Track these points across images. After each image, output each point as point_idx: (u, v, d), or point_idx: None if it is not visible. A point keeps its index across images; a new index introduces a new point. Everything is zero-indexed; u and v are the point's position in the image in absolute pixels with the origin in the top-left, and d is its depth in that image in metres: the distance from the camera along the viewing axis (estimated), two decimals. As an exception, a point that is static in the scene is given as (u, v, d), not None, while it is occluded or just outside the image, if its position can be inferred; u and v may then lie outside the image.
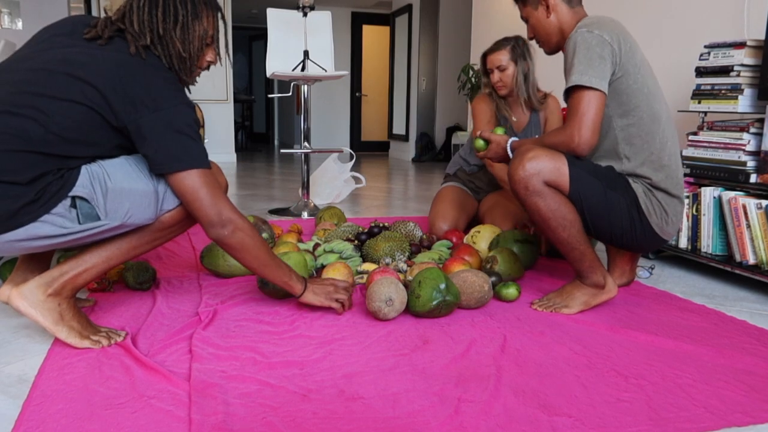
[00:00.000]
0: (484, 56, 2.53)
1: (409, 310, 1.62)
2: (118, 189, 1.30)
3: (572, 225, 1.62)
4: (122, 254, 1.39)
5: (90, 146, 1.29)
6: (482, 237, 2.24)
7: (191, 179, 1.31)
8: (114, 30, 1.33)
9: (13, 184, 1.19)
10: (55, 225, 1.25)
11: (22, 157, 1.20)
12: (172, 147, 1.29)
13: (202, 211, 1.33)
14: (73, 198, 1.26)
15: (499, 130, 1.89)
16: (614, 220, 1.67)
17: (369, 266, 1.97)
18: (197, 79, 1.49)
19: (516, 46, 2.49)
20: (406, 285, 1.69)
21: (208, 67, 1.49)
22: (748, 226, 1.94)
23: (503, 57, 2.47)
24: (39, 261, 1.51)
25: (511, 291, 1.76)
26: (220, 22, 1.47)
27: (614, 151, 1.71)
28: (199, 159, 1.32)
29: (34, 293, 1.31)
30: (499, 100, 2.61)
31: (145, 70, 1.29)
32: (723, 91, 2.15)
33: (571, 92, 1.61)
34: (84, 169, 1.28)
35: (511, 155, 1.79)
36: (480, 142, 1.90)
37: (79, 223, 1.27)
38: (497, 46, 2.50)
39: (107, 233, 1.33)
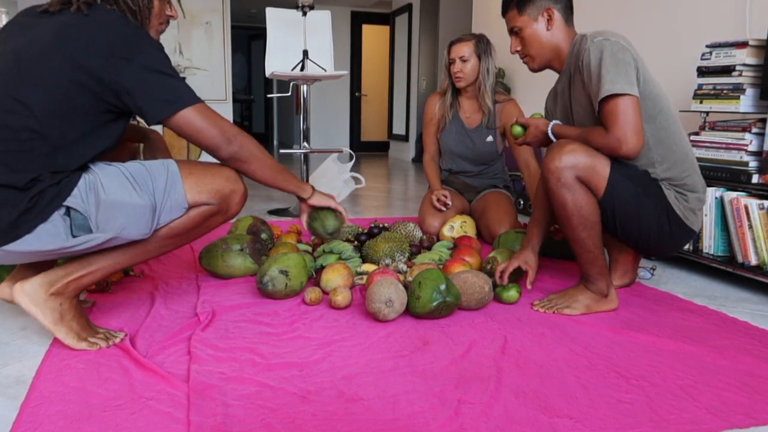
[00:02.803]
0: (450, 45, 2.58)
1: (410, 311, 1.62)
2: (110, 201, 1.27)
3: (593, 227, 1.63)
4: (129, 259, 1.38)
5: (80, 122, 1.25)
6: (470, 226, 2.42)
7: (187, 118, 1.31)
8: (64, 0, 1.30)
9: (10, 189, 1.19)
10: (50, 235, 1.23)
11: (14, 156, 1.19)
12: (158, 93, 1.28)
13: (208, 140, 1.35)
14: (68, 208, 1.25)
15: (537, 115, 1.85)
16: (643, 226, 1.68)
17: (369, 267, 1.97)
18: (159, 35, 1.48)
19: (480, 42, 2.54)
20: (406, 286, 1.69)
21: (168, 22, 1.48)
22: (750, 226, 1.93)
23: (467, 48, 2.52)
24: (41, 261, 1.50)
25: (511, 293, 1.76)
26: None
27: (647, 156, 1.69)
28: (188, 96, 1.32)
29: (37, 291, 1.30)
30: (452, 97, 2.65)
31: (99, 23, 1.26)
32: (725, 91, 2.15)
33: (605, 102, 1.58)
34: (83, 178, 1.27)
35: (553, 139, 1.72)
36: (517, 129, 1.82)
37: (72, 234, 1.25)
38: (463, 37, 2.56)
39: (103, 245, 1.31)
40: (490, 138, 2.61)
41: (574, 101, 1.75)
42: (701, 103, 2.24)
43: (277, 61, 3.42)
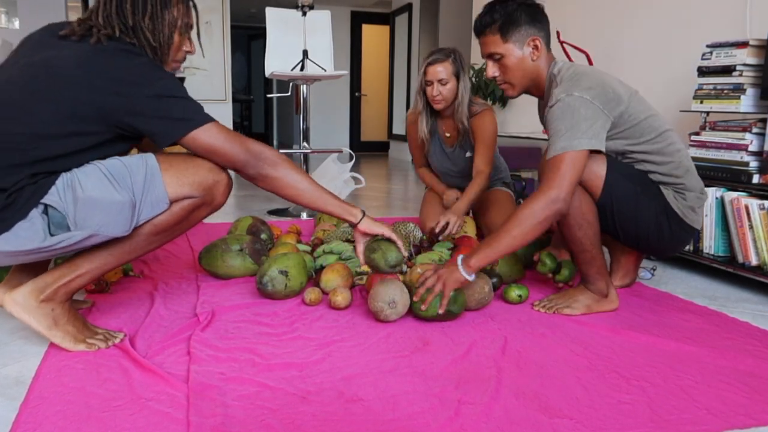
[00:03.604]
0: (426, 66, 2.35)
1: (412, 313, 1.61)
2: (88, 198, 1.25)
3: (590, 226, 1.62)
4: (116, 259, 1.37)
5: (86, 142, 1.27)
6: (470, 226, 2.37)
7: (203, 136, 1.32)
8: (86, 28, 1.32)
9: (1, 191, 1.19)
10: (28, 233, 1.22)
11: (7, 159, 1.20)
12: (172, 113, 1.29)
13: (229, 158, 1.35)
14: (46, 206, 1.24)
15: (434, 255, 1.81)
16: (642, 225, 1.68)
17: (368, 267, 1.96)
18: (176, 71, 1.49)
19: (456, 59, 2.36)
20: (408, 287, 1.68)
21: (184, 58, 1.48)
22: (751, 227, 1.93)
23: (445, 70, 2.32)
24: (34, 264, 1.49)
25: (523, 292, 1.77)
26: (193, 11, 1.47)
27: (642, 165, 1.69)
28: (201, 115, 1.32)
29: (27, 299, 1.30)
30: (430, 117, 2.51)
31: (116, 55, 1.28)
32: (725, 91, 2.14)
33: (550, 161, 1.53)
34: (60, 176, 1.26)
35: (469, 278, 1.53)
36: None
37: (50, 233, 1.24)
38: (439, 57, 2.34)
39: (83, 243, 1.29)
40: (468, 154, 2.53)
41: None
42: (702, 103, 2.24)
43: (277, 61, 3.42)
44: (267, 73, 3.31)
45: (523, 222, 1.48)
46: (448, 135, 2.55)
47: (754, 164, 2.01)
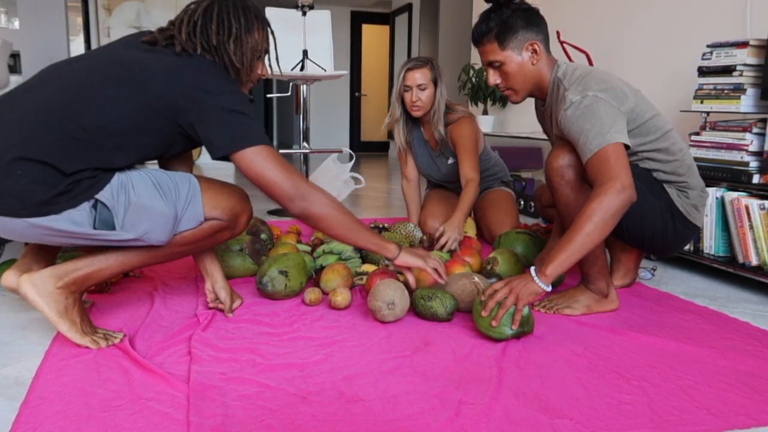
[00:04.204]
0: (405, 71, 2.36)
1: (412, 313, 1.62)
2: (140, 204, 1.32)
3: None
4: (138, 261, 1.41)
5: (150, 137, 1.34)
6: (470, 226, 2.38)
7: (258, 156, 1.34)
8: (167, 36, 1.39)
9: (56, 171, 1.23)
10: (73, 221, 1.27)
11: (73, 145, 1.25)
12: (234, 127, 1.33)
13: (278, 187, 1.36)
14: (97, 200, 1.29)
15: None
16: (647, 223, 1.67)
17: (368, 267, 1.96)
18: (249, 91, 1.56)
19: (433, 67, 2.37)
20: (408, 288, 1.67)
21: (259, 80, 1.54)
22: (751, 227, 1.93)
23: (424, 76, 2.34)
24: (46, 254, 1.52)
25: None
26: (270, 36, 1.53)
27: (646, 164, 1.69)
28: (261, 136, 1.35)
29: (45, 283, 1.32)
30: (409, 123, 2.51)
31: (198, 65, 1.36)
32: (725, 91, 2.14)
33: (590, 160, 1.49)
34: (116, 176, 1.31)
35: (546, 288, 1.47)
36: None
37: (94, 227, 1.29)
38: (418, 63, 2.36)
39: (119, 243, 1.34)
40: (451, 160, 2.54)
41: (561, 133, 1.67)
42: (702, 103, 2.24)
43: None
44: (267, 73, 3.30)
45: (594, 217, 1.41)
46: (430, 140, 2.56)
47: (754, 164, 2.01)
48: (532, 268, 1.48)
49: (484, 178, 2.73)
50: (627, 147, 1.51)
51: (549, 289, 1.46)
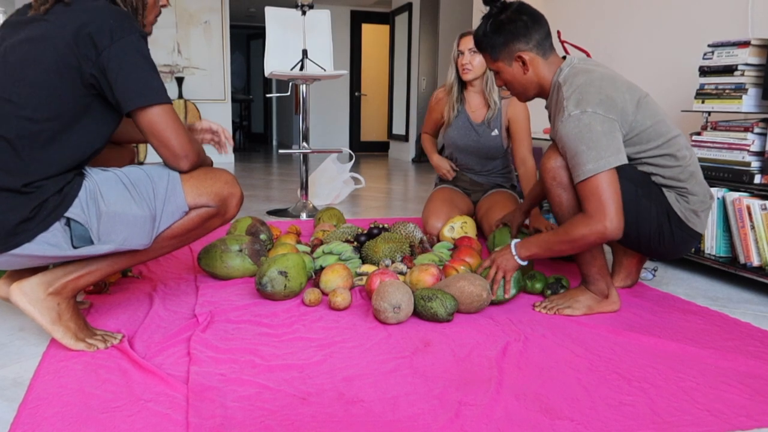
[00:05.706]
0: (460, 37, 2.54)
1: (413, 317, 1.61)
2: (111, 213, 1.28)
3: None
4: (128, 261, 1.39)
5: (67, 111, 1.25)
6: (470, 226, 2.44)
7: (154, 116, 1.28)
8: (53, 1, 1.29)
9: (9, 192, 1.19)
10: (50, 244, 1.24)
11: (7, 157, 1.20)
12: (133, 82, 1.25)
13: (168, 147, 1.32)
14: (68, 219, 1.25)
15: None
16: (643, 227, 1.66)
17: (368, 268, 1.96)
18: (153, 26, 1.48)
19: None
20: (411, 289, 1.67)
21: (159, 12, 1.47)
22: (753, 227, 1.92)
23: None
24: None
25: (537, 286, 1.85)
26: None
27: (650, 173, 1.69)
28: (160, 93, 1.29)
29: (35, 290, 1.30)
30: (459, 92, 2.64)
31: (83, 12, 1.24)
32: (727, 91, 2.14)
33: (582, 184, 1.53)
34: (83, 188, 1.27)
35: (515, 255, 1.68)
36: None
37: (73, 246, 1.26)
38: (471, 31, 2.49)
39: (103, 255, 1.32)
40: (495, 132, 2.60)
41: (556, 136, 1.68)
42: (703, 102, 2.23)
43: (276, 61, 3.41)
44: (266, 73, 3.30)
45: (576, 241, 1.54)
46: (473, 111, 2.64)
47: (755, 164, 2.01)
48: (513, 243, 1.69)
49: (498, 175, 2.75)
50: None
51: (525, 263, 1.69)
